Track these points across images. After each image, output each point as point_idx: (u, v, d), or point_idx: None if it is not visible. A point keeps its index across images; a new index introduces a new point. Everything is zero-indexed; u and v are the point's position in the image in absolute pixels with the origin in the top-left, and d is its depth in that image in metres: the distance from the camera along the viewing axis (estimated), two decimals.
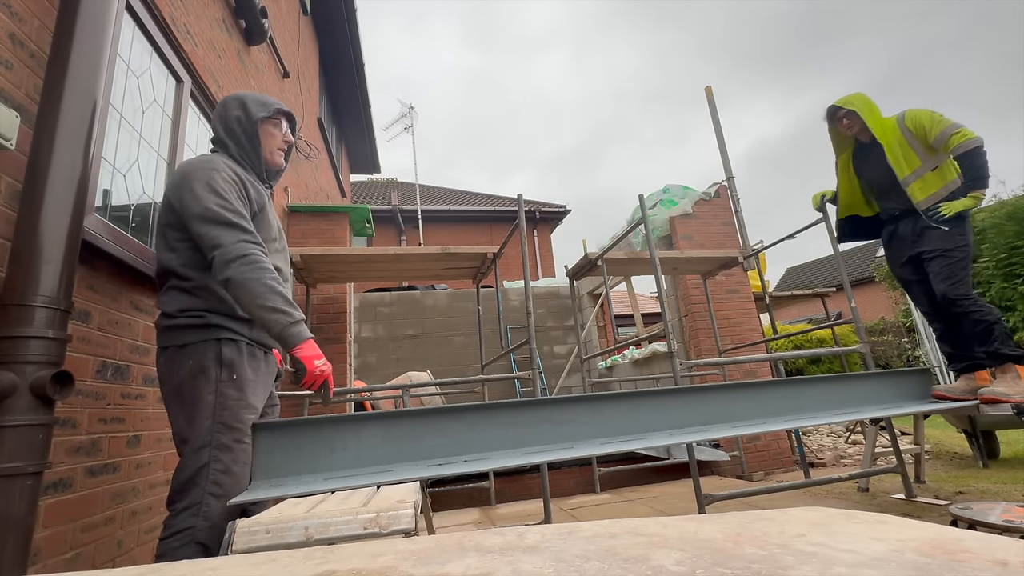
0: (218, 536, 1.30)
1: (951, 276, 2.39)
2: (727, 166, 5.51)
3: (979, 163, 2.38)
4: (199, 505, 1.31)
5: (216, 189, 1.45)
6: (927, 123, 2.49)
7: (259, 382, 1.51)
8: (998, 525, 1.90)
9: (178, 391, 1.41)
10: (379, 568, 0.49)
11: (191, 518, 1.29)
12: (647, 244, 2.96)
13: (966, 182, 2.44)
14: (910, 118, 2.55)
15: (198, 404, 1.38)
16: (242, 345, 1.47)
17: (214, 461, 1.35)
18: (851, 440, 5.01)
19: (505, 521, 3.34)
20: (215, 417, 1.38)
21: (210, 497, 1.32)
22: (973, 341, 2.38)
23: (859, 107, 2.66)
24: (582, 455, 1.55)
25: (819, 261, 24.27)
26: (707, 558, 0.47)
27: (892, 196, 2.65)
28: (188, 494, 1.32)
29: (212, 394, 1.39)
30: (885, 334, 11.17)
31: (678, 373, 2.60)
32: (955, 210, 2.41)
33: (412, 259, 3.85)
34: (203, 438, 1.36)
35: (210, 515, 1.31)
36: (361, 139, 9.05)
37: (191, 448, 1.36)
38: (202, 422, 1.37)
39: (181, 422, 1.40)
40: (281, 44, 4.44)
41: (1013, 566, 0.41)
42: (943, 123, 2.46)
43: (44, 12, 1.52)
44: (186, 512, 1.30)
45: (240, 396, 1.43)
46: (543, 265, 12.63)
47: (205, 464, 1.34)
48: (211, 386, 1.39)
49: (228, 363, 1.42)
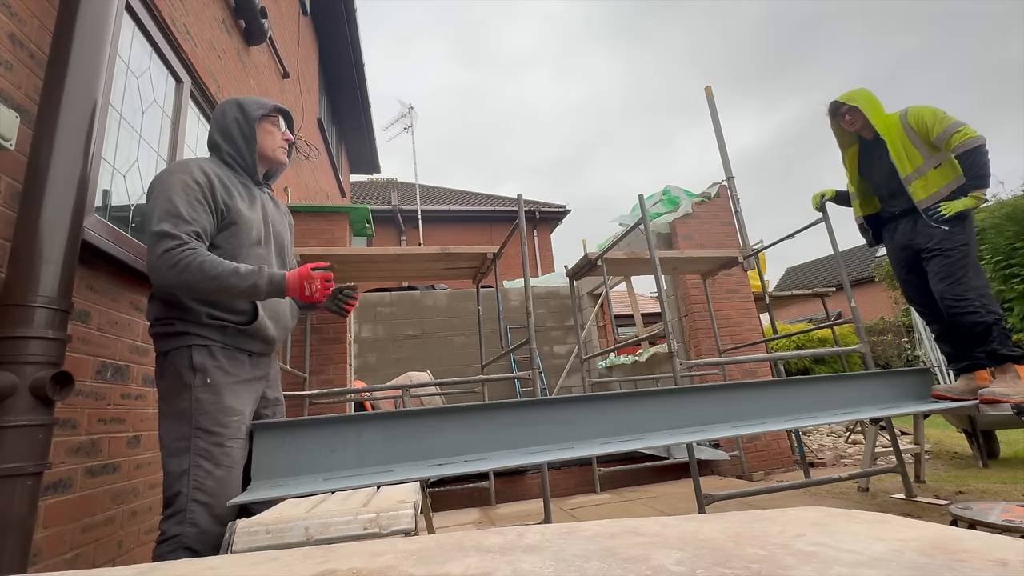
0: (208, 541, 1.30)
1: (949, 276, 2.38)
2: (727, 166, 5.51)
3: (980, 162, 2.36)
4: (184, 512, 1.30)
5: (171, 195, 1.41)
6: (930, 120, 2.46)
7: (241, 385, 1.48)
8: (998, 525, 1.90)
9: (161, 398, 1.42)
10: (379, 568, 0.49)
11: (177, 525, 1.29)
12: (646, 239, 2.96)
13: (967, 181, 2.42)
14: (913, 115, 2.52)
15: (175, 410, 1.38)
16: (215, 349, 1.44)
17: (194, 467, 1.34)
18: (851, 440, 5.01)
19: (505, 521, 3.34)
20: (192, 423, 1.37)
21: (194, 503, 1.31)
22: (972, 341, 2.38)
23: (862, 103, 2.62)
24: (582, 455, 1.55)
25: (819, 261, 24.26)
26: (707, 558, 0.47)
27: (895, 194, 2.63)
28: (174, 501, 1.32)
29: (188, 400, 1.38)
30: (885, 334, 11.17)
31: (678, 373, 2.60)
32: (955, 210, 2.39)
33: (412, 259, 3.85)
34: (182, 444, 1.35)
35: (196, 521, 1.30)
36: (361, 139, 9.06)
37: (171, 455, 1.36)
38: (179, 428, 1.36)
39: (163, 429, 1.40)
40: (281, 44, 4.44)
41: (1013, 566, 0.41)
42: (945, 121, 2.43)
43: (44, 12, 1.51)
44: (173, 519, 1.31)
45: (216, 400, 1.40)
46: (543, 265, 12.63)
47: (186, 471, 1.33)
48: (187, 392, 1.38)
49: (200, 368, 1.40)
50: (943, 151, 2.47)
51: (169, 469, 1.35)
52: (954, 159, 2.46)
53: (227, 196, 1.51)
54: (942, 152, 2.47)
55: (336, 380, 4.13)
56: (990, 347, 2.30)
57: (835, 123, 2.81)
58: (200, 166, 1.50)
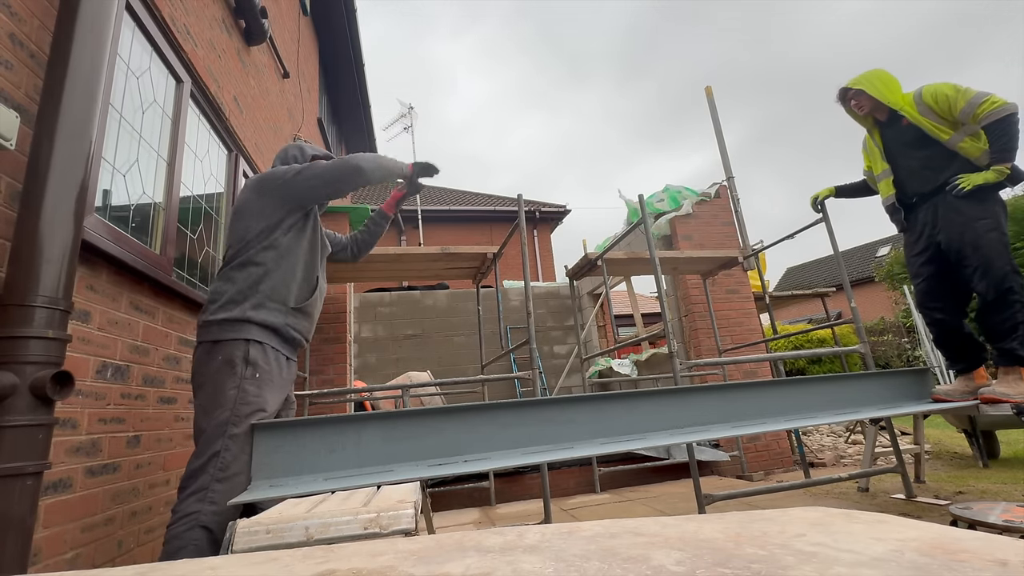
0: (222, 522, 1.34)
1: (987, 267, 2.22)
2: (727, 166, 5.51)
3: (1010, 132, 2.20)
4: (206, 490, 1.37)
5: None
6: (951, 94, 2.30)
7: (277, 385, 1.61)
8: (998, 525, 1.90)
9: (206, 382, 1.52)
10: (379, 567, 0.49)
11: (197, 503, 1.36)
12: (646, 239, 2.95)
13: (992, 153, 2.24)
14: (928, 93, 2.37)
15: (220, 396, 1.48)
16: (267, 349, 1.59)
17: (224, 450, 1.42)
18: (851, 440, 5.01)
19: (505, 521, 3.34)
20: (233, 410, 1.47)
21: (216, 483, 1.39)
22: (994, 332, 2.27)
23: (866, 85, 2.52)
24: (582, 455, 1.55)
25: (819, 261, 24.26)
26: (707, 558, 0.47)
27: (915, 177, 2.48)
28: (198, 479, 1.39)
29: (235, 388, 1.49)
30: (885, 334, 11.18)
31: (678, 373, 2.60)
32: (974, 183, 2.23)
33: (412, 259, 3.85)
34: (220, 428, 1.44)
35: (216, 500, 1.37)
36: (361, 139, 9.05)
37: (207, 436, 1.44)
38: (220, 413, 1.46)
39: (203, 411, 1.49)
40: (281, 44, 4.43)
41: (1013, 566, 0.41)
42: (969, 93, 2.27)
43: (44, 12, 1.51)
44: (193, 497, 1.37)
45: (259, 393, 1.52)
46: (543, 265, 12.63)
47: (216, 452, 1.42)
48: (235, 381, 1.50)
49: (253, 362, 1.54)
50: (969, 125, 2.29)
51: (201, 449, 1.43)
52: (981, 133, 2.29)
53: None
54: (968, 126, 2.30)
55: (336, 380, 4.13)
56: (1010, 344, 2.20)
57: (847, 109, 2.71)
58: None
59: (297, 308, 1.70)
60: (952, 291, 2.47)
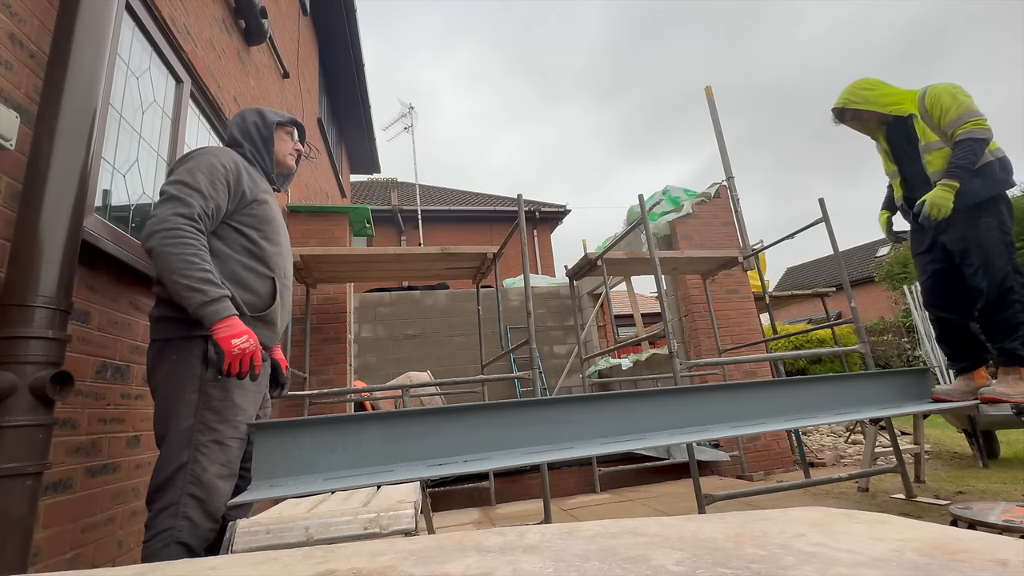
0: (200, 535, 1.29)
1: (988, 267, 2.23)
2: (727, 166, 5.51)
3: (965, 152, 2.22)
4: (177, 505, 1.29)
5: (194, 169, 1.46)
6: (947, 102, 2.30)
7: (247, 388, 1.48)
8: (998, 525, 1.90)
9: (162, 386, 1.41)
10: (379, 567, 0.49)
11: (170, 519, 1.28)
12: (646, 240, 2.95)
13: (949, 168, 2.26)
14: (930, 96, 2.36)
15: (180, 402, 1.36)
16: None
17: (192, 462, 1.32)
18: (851, 440, 5.00)
19: (505, 521, 3.34)
20: (197, 416, 1.36)
21: (188, 498, 1.30)
22: (995, 331, 2.28)
23: (855, 100, 2.54)
24: (582, 455, 1.55)
25: (819, 261, 24.27)
26: (707, 558, 0.47)
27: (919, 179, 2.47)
28: (166, 493, 1.30)
29: (195, 392, 1.37)
30: (885, 334, 11.17)
31: (678, 373, 2.60)
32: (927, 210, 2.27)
33: (412, 259, 3.85)
34: (183, 437, 1.34)
35: (189, 515, 1.29)
36: (361, 139, 9.05)
37: (169, 446, 1.34)
38: (182, 421, 1.35)
39: (162, 419, 1.38)
40: (281, 44, 4.43)
41: (1013, 566, 0.41)
42: (961, 108, 2.26)
43: (44, 12, 1.51)
44: (165, 513, 1.29)
45: (224, 395, 1.40)
46: (543, 265, 12.64)
47: (184, 464, 1.32)
48: (195, 384, 1.38)
49: (213, 361, 1.38)
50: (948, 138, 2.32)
51: (165, 460, 1.33)
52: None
53: (253, 186, 1.61)
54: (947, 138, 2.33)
55: (336, 380, 4.13)
56: (1011, 344, 2.20)
57: (850, 126, 2.70)
58: (231, 155, 1.59)
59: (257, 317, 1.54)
60: (958, 290, 2.47)
